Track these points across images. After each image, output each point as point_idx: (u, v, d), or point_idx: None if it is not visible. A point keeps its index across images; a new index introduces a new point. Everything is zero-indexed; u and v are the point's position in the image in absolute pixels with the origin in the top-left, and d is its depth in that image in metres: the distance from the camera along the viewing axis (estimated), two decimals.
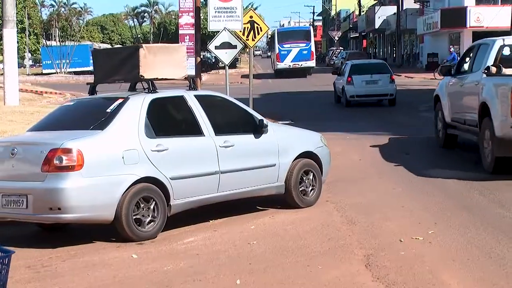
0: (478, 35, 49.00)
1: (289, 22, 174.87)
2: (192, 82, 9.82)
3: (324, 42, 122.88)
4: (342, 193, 10.75)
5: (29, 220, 8.62)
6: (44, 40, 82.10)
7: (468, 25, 48.30)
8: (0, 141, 9.71)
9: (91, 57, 13.43)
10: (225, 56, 15.75)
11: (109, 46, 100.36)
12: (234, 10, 15.90)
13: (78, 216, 8.09)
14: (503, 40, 12.84)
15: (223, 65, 16.51)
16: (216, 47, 15.64)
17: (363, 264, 6.89)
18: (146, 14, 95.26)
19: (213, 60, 69.53)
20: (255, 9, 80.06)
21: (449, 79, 14.62)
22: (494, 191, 10.15)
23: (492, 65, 12.17)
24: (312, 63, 53.74)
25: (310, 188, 10.08)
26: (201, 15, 19.38)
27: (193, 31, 35.82)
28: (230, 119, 9.96)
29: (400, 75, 50.04)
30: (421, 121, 20.29)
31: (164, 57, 9.56)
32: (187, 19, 56.26)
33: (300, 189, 9.94)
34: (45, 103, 31.69)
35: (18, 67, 27.93)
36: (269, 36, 74.26)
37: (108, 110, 8.68)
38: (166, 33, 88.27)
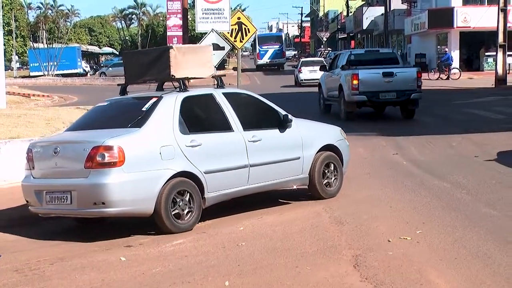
0: (465, 35, 49.32)
1: (277, 23, 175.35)
2: (220, 81, 10.20)
3: (312, 43, 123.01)
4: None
5: (73, 215, 9.00)
6: (31, 43, 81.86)
7: (455, 26, 48.47)
8: (43, 140, 9.94)
9: (121, 59, 13.82)
10: (213, 57, 15.73)
11: (97, 48, 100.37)
12: (221, 11, 15.90)
13: (121, 210, 8.46)
14: (351, 51, 24.69)
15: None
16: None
17: (351, 265, 6.91)
18: (134, 16, 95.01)
19: None
20: (243, 10, 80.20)
21: (325, 73, 24.20)
22: (481, 191, 10.20)
23: (344, 65, 21.96)
24: (283, 60, 68.74)
25: (333, 180, 10.57)
26: (189, 16, 19.38)
27: (181, 33, 35.83)
28: (256, 115, 10.32)
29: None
30: (405, 120, 20.38)
31: (192, 57, 9.99)
32: (175, 21, 56.26)
33: (324, 182, 10.44)
34: (32, 105, 31.59)
35: (5, 70, 27.81)
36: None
37: (144, 109, 9.05)
38: (154, 35, 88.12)
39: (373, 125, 19.80)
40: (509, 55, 34.37)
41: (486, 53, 47.80)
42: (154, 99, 9.22)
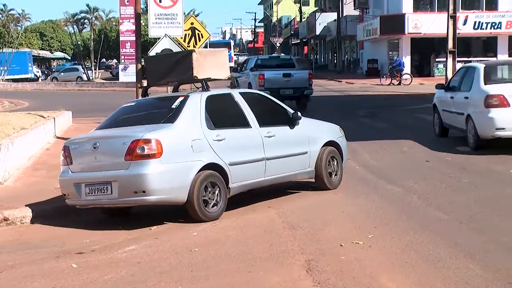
0: (416, 41, 50.02)
1: (230, 28, 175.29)
2: (235, 82, 11.19)
3: (266, 49, 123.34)
4: (284, 199, 10.82)
5: (113, 204, 9.62)
6: None
7: (406, 32, 49.10)
8: (80, 137, 10.41)
9: (143, 63, 14.31)
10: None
11: (48, 53, 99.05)
12: (175, 16, 15.83)
13: (159, 198, 9.20)
14: (258, 57, 31.34)
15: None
16: (157, 54, 15.53)
17: (304, 269, 6.93)
18: (86, 21, 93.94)
19: None
20: (197, 15, 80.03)
21: (238, 74, 28.84)
22: (432, 195, 10.34)
23: (252, 67, 27.86)
24: (232, 64, 72.58)
25: (335, 173, 11.52)
26: (142, 21, 19.25)
27: (134, 38, 35.60)
28: (269, 113, 11.11)
29: (341, 81, 50.64)
30: (358, 125, 20.57)
31: (211, 60, 10.98)
32: (128, 26, 55.93)
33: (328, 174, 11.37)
34: None
35: None
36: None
37: (173, 106, 9.87)
38: (107, 40, 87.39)
39: None
40: (458, 61, 34.83)
41: (437, 59, 48.52)
42: (181, 98, 10.04)
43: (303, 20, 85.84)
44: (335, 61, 72.07)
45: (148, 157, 9.04)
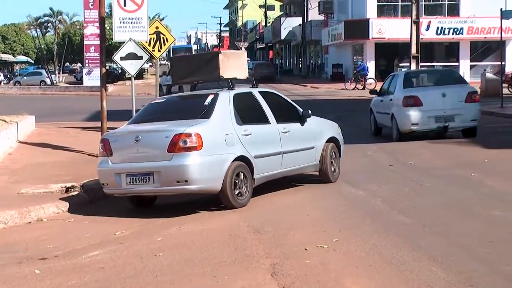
0: (380, 46, 50.46)
1: (196, 32, 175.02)
2: (254, 81, 12.06)
3: None
4: (249, 203, 10.82)
5: (154, 193, 10.53)
6: None
7: (370, 37, 49.54)
8: (121, 131, 10.98)
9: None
10: (131, 67, 15.56)
11: (11, 56, 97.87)
12: (139, 20, 15.74)
13: (199, 187, 10.03)
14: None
15: (130, 76, 16.32)
16: (122, 58, 15.43)
17: (269, 273, 6.94)
18: (49, 25, 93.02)
19: (119, 71, 68.79)
20: (162, 19, 79.79)
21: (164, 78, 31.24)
22: (396, 199, 10.43)
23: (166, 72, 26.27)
24: None
25: (336, 167, 12.53)
26: (106, 25, 19.12)
27: (98, 42, 35.32)
28: (283, 110, 11.95)
29: (306, 86, 50.88)
30: None
31: (234, 61, 11.93)
32: (92, 30, 55.54)
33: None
34: None
35: None
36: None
37: (206, 103, 10.69)
38: (71, 44, 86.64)
39: None
40: (421, 66, 35.22)
41: (400, 64, 48.98)
42: (211, 96, 10.85)
43: (268, 24, 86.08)
44: (300, 66, 72.36)
45: (189, 149, 9.85)
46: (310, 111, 12.12)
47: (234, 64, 11.84)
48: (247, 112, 11.20)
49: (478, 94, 18.06)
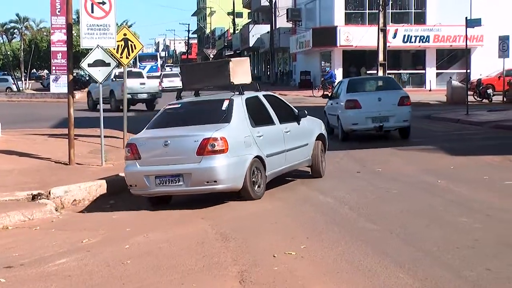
0: (348, 53, 50.75)
1: (164, 39, 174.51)
2: (257, 86, 13.25)
3: (199, 60, 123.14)
4: (217, 210, 10.83)
5: (183, 193, 11.32)
6: None
7: (338, 44, 49.79)
8: (148, 136, 11.55)
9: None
10: (99, 74, 15.45)
11: None
12: (107, 27, 15.64)
13: (225, 186, 10.92)
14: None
15: (97, 83, 16.21)
16: (89, 65, 15.31)
17: (237, 281, 6.95)
18: (16, 31, 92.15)
19: (87, 78, 68.32)
20: (129, 26, 79.59)
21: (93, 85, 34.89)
22: (363, 206, 10.49)
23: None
24: (158, 73, 76.75)
25: (324, 162, 13.78)
26: (73, 32, 18.99)
27: (65, 48, 35.04)
28: (283, 111, 13.00)
29: (275, 93, 50.85)
30: None
31: (240, 67, 12.92)
32: (59, 36, 55.04)
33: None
34: None
35: None
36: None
37: (224, 108, 11.59)
38: (38, 50, 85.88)
39: None
40: (389, 74, 35.53)
41: (368, 71, 49.30)
42: (227, 101, 11.74)
43: (236, 32, 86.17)
44: (269, 73, 72.47)
45: (217, 152, 10.73)
46: (306, 111, 13.30)
47: (241, 71, 12.86)
48: (256, 114, 12.05)
49: (409, 98, 20.52)
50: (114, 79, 35.19)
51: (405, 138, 19.98)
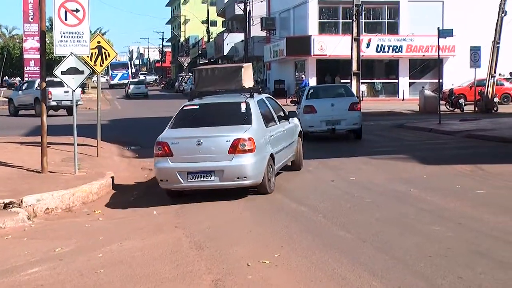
0: (322, 62, 50.94)
1: (138, 47, 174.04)
2: (259, 89, 14.77)
3: (173, 68, 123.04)
4: (191, 219, 10.80)
5: (214, 187, 12.13)
6: None
7: (312, 53, 49.96)
8: (180, 135, 12.37)
9: (190, 74, 18.27)
10: (72, 81, 15.36)
11: None
12: (81, 35, 15.58)
13: (252, 181, 12.12)
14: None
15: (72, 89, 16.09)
16: (63, 72, 15.22)
17: None
18: None
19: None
20: (103, 34, 79.13)
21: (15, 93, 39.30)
22: (337, 215, 10.52)
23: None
24: (128, 81, 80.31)
25: (302, 156, 15.60)
26: (47, 39, 18.88)
27: (38, 56, 34.85)
28: (277, 111, 14.54)
29: None
30: None
31: (248, 72, 14.64)
32: (32, 43, 54.68)
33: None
34: None
35: None
36: None
37: (243, 110, 12.83)
38: (10, 57, 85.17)
39: None
40: (362, 83, 35.74)
41: (342, 81, 49.50)
42: (244, 104, 12.97)
43: (210, 40, 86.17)
44: None
45: (247, 151, 11.91)
46: (296, 112, 15.12)
47: (248, 75, 14.52)
48: (265, 115, 13.32)
49: (359, 104, 23.09)
50: (38, 88, 35.38)
51: (359, 139, 22.59)
